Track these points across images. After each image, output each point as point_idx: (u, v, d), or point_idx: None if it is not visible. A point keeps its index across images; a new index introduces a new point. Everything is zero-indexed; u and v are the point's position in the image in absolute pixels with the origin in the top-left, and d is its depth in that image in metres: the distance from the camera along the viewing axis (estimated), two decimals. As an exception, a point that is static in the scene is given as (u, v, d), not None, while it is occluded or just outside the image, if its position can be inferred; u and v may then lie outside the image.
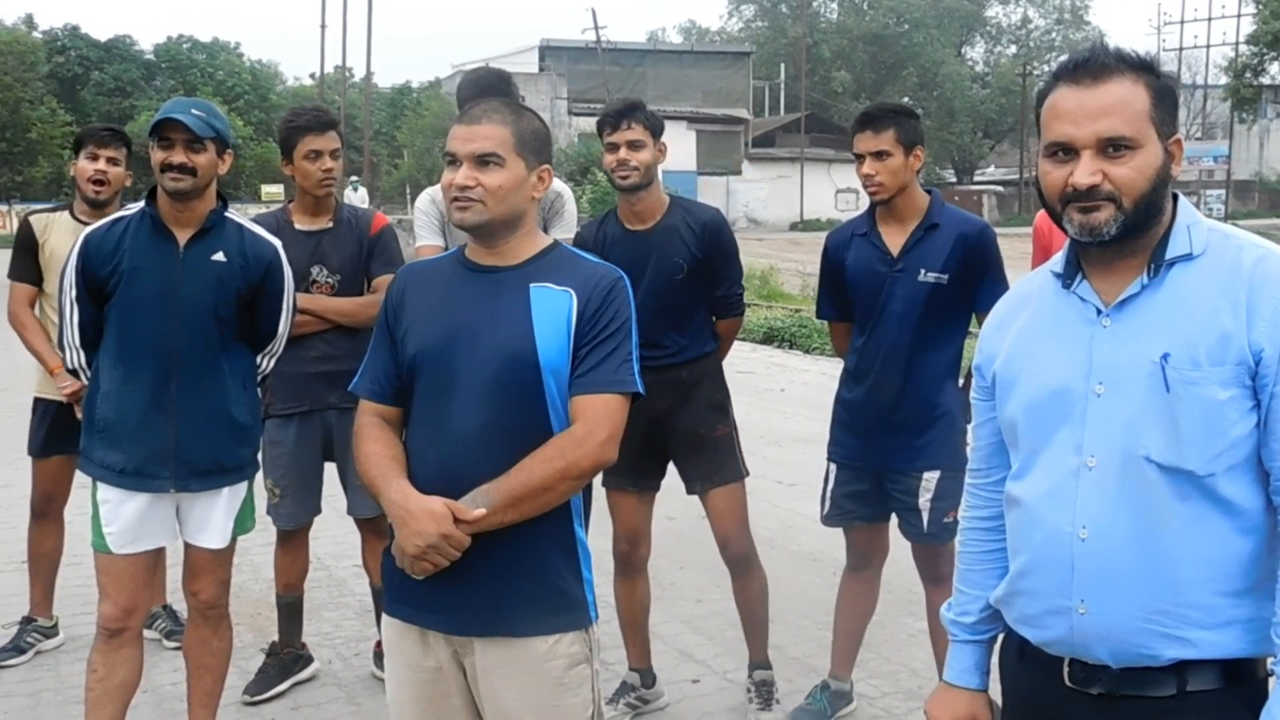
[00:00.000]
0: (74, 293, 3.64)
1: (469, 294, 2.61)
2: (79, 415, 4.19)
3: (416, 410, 2.61)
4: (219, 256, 3.66)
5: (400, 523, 2.47)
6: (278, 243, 3.85)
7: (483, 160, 2.54)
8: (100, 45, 54.52)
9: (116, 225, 3.68)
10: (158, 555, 3.84)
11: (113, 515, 3.64)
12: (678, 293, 4.20)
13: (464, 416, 2.52)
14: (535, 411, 2.53)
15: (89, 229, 3.72)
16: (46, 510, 5.10)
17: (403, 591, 2.60)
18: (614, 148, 4.12)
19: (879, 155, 3.93)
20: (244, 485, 3.82)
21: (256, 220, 4.60)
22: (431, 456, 2.56)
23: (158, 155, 3.58)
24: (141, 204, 3.72)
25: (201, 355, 3.64)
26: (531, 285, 2.57)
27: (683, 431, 4.27)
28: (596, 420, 2.51)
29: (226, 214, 3.75)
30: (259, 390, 3.96)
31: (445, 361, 2.55)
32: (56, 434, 4.91)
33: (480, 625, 2.54)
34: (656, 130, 4.17)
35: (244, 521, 3.85)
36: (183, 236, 3.64)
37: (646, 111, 4.18)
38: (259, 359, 3.89)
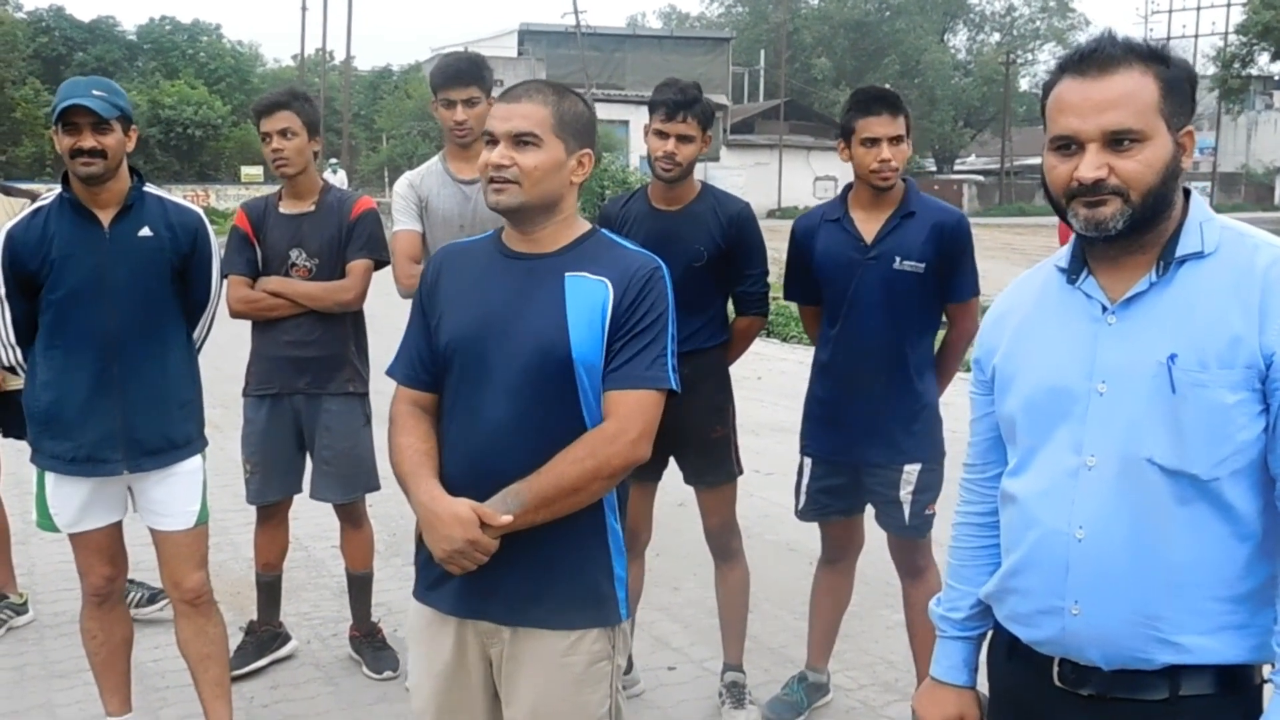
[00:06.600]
0: (2, 290, 3.58)
1: (503, 281, 2.53)
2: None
3: (449, 399, 2.56)
4: (145, 232, 3.61)
5: (427, 525, 2.44)
6: (199, 209, 3.82)
7: (520, 140, 2.46)
8: (84, 26, 54.12)
9: (37, 216, 3.61)
10: (119, 524, 3.81)
11: (59, 500, 3.64)
12: (695, 280, 4.06)
13: (495, 408, 2.46)
14: (567, 405, 2.46)
15: (10, 224, 3.65)
16: None
17: (435, 578, 2.56)
18: (663, 136, 3.98)
19: (897, 140, 3.83)
20: (198, 460, 3.77)
21: (248, 205, 4.63)
22: (462, 448, 2.51)
23: (65, 141, 3.51)
24: (58, 189, 3.65)
25: (140, 334, 3.61)
26: (567, 274, 2.49)
27: (679, 430, 4.13)
28: (629, 418, 2.44)
29: (145, 188, 3.69)
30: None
31: (477, 351, 2.49)
32: None
33: (513, 615, 2.50)
34: (708, 123, 4.03)
35: (203, 509, 3.81)
36: (106, 217, 3.59)
37: (703, 103, 4.01)
38: (195, 329, 3.84)
